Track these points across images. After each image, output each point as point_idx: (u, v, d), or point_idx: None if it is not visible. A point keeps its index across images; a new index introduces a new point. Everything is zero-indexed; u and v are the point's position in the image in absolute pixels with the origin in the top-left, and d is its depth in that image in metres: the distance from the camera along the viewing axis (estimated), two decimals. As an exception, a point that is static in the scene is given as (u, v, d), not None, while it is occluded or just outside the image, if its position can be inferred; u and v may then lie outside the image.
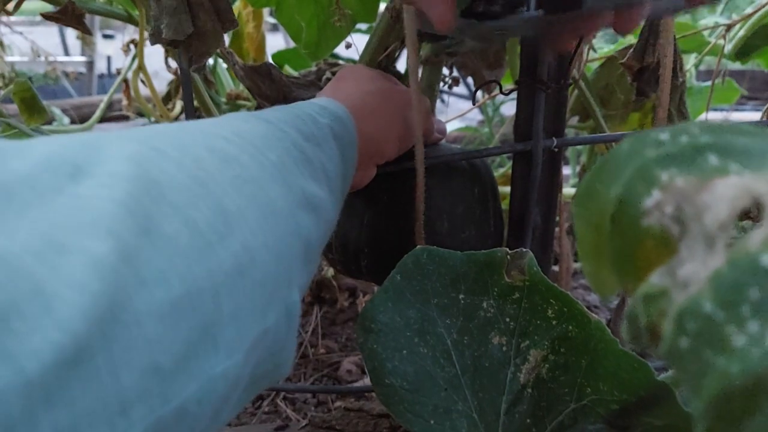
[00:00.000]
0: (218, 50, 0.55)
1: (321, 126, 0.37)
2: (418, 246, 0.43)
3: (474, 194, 0.55)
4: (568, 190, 1.01)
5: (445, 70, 0.73)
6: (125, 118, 1.64)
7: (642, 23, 0.60)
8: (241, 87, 1.15)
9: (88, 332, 0.16)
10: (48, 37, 3.10)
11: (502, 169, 1.20)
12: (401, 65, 0.61)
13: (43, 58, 2.58)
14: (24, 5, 0.64)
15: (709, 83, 0.89)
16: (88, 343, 0.16)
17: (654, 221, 0.16)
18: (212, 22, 0.51)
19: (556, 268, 0.82)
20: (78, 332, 0.16)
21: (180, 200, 0.22)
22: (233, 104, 1.05)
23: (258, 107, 0.62)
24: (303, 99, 0.55)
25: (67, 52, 3.90)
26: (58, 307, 0.16)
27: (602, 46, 1.17)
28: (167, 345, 0.19)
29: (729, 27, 0.83)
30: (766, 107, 0.61)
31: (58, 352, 0.15)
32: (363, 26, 0.95)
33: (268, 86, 0.58)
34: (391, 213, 0.52)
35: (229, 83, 1.15)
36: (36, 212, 0.17)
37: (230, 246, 0.23)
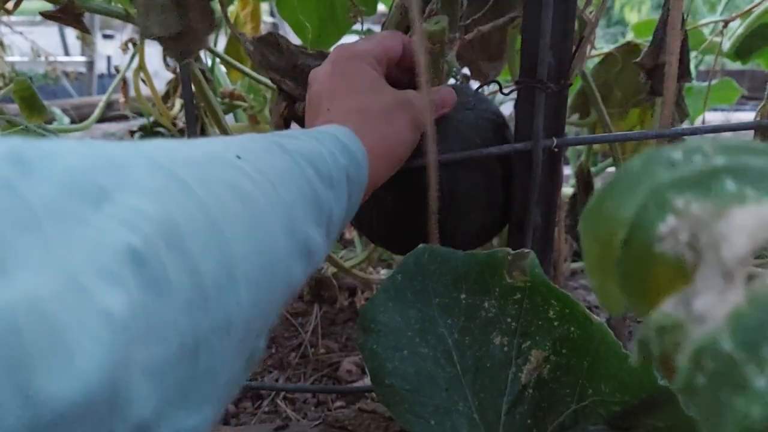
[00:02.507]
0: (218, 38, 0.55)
1: (339, 167, 0.37)
2: (420, 246, 0.43)
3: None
4: (566, 190, 1.01)
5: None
6: (125, 117, 1.64)
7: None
8: (237, 83, 1.16)
9: (99, 385, 0.16)
10: (48, 37, 3.10)
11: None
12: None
13: (43, 58, 2.58)
14: (24, 5, 0.64)
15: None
16: (97, 397, 0.16)
17: (668, 248, 0.15)
18: (199, 21, 0.51)
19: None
20: (91, 386, 0.16)
21: (194, 248, 0.22)
22: (228, 104, 1.05)
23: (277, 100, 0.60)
24: (311, 67, 0.54)
25: (67, 52, 3.90)
26: (78, 358, 0.16)
27: (602, 46, 1.17)
28: (150, 403, 0.19)
29: (726, 23, 0.83)
30: (759, 107, 0.60)
31: (72, 403, 0.16)
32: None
33: (277, 57, 0.58)
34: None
35: (226, 82, 1.15)
36: (60, 248, 0.17)
37: (226, 304, 0.23)
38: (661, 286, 0.16)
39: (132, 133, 1.37)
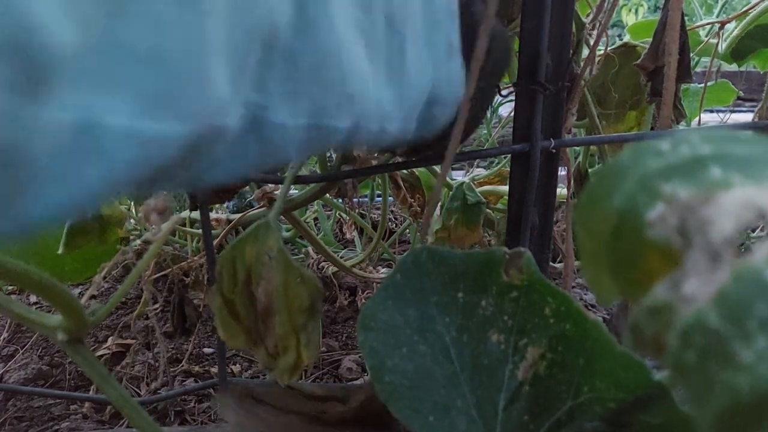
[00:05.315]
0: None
1: None
2: (418, 245, 0.44)
3: None
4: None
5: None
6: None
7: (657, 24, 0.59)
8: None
9: None
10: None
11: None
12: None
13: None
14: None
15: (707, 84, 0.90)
16: None
17: (657, 234, 0.16)
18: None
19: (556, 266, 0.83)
20: None
21: None
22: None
23: None
24: None
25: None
26: None
27: (600, 48, 1.17)
28: None
29: (723, 25, 0.83)
30: (758, 108, 0.61)
31: None
32: None
33: None
34: None
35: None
36: None
37: None
38: (652, 272, 0.16)
39: None
